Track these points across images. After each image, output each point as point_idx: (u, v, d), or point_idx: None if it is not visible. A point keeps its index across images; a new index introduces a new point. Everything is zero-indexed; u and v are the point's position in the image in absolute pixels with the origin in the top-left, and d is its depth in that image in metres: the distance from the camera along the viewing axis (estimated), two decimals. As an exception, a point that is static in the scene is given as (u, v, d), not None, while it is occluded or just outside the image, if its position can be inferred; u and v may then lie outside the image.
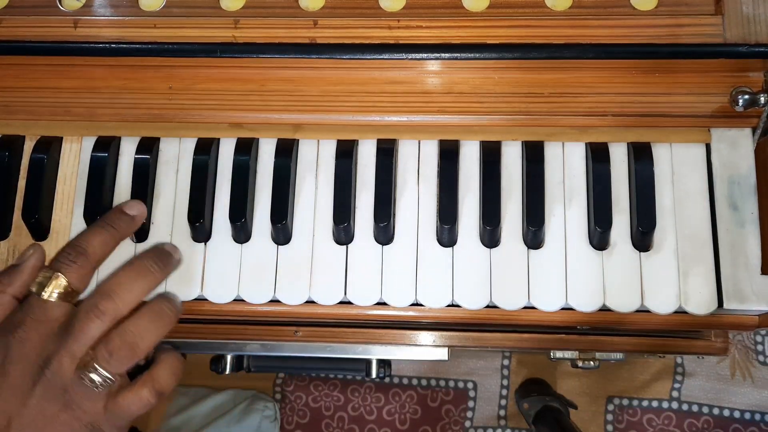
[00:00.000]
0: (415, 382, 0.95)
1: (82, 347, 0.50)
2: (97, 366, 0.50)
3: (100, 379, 0.50)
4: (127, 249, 0.57)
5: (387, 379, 0.95)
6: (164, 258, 0.55)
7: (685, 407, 0.92)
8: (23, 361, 0.49)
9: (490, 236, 0.55)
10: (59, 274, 0.51)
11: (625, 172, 0.56)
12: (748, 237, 0.53)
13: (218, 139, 0.59)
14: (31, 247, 0.54)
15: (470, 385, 0.94)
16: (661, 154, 0.56)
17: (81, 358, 0.50)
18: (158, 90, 0.58)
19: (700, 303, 0.53)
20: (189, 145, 0.58)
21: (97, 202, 0.57)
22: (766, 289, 0.52)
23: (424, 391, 0.95)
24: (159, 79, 0.58)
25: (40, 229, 0.57)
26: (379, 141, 0.58)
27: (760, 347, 0.92)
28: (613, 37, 0.55)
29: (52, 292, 0.51)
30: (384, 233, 0.55)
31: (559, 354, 0.68)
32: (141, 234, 0.57)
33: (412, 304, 0.55)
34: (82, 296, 0.53)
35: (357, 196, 0.57)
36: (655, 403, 0.92)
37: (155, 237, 0.57)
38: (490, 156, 0.57)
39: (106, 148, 0.58)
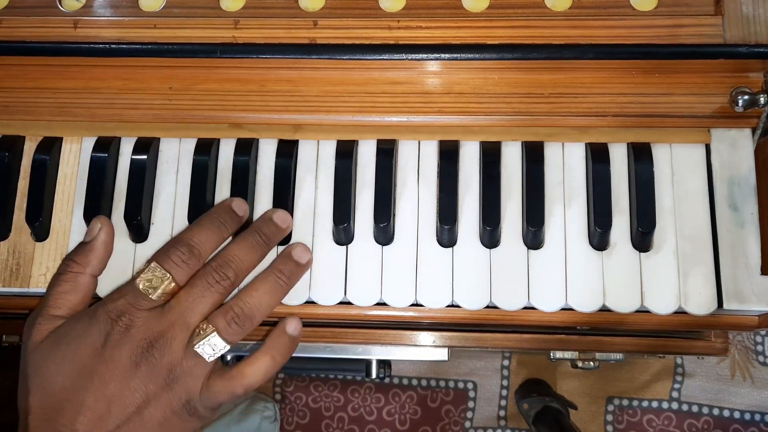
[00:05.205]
0: (415, 382, 0.95)
1: (198, 317, 0.51)
2: (215, 335, 0.50)
3: (213, 350, 0.51)
4: (126, 249, 0.57)
5: (387, 380, 0.95)
6: (272, 230, 0.54)
7: (685, 408, 0.92)
8: (127, 344, 0.50)
9: (490, 236, 0.55)
10: (170, 276, 0.51)
11: (625, 173, 0.56)
12: (748, 237, 0.53)
13: (218, 140, 0.59)
14: (98, 221, 0.55)
15: (470, 386, 0.94)
16: (661, 154, 0.56)
17: (194, 330, 0.51)
18: (158, 90, 0.58)
19: (700, 303, 0.53)
20: (189, 145, 0.58)
21: (97, 202, 0.57)
22: (765, 290, 0.52)
23: (424, 391, 0.95)
24: (159, 79, 0.58)
25: (41, 230, 0.57)
26: (379, 141, 0.58)
27: (760, 347, 0.92)
28: (613, 37, 0.55)
29: (160, 293, 0.51)
30: (384, 233, 0.55)
31: (559, 354, 0.68)
32: (140, 235, 0.57)
33: (412, 305, 0.55)
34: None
35: (357, 197, 0.57)
36: (655, 404, 0.92)
37: (155, 237, 0.57)
38: (490, 156, 0.57)
39: (106, 149, 0.58)
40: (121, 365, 0.49)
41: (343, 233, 0.56)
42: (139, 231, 0.56)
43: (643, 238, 0.54)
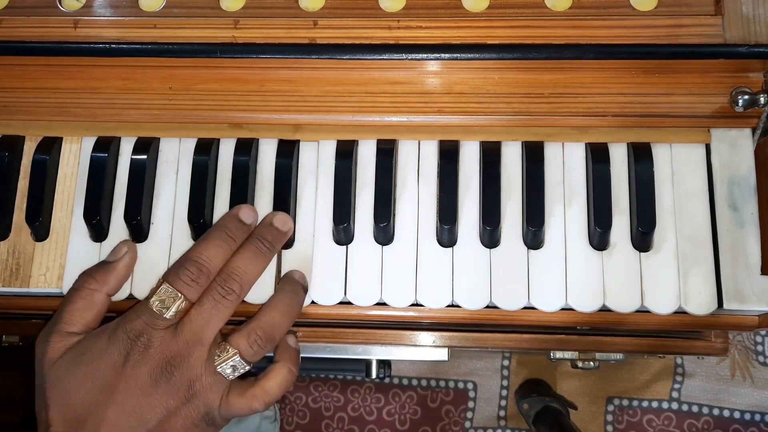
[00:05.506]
0: (415, 382, 0.95)
1: (211, 332, 0.52)
2: (237, 356, 0.52)
3: (234, 370, 0.52)
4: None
5: (387, 380, 0.95)
6: (273, 235, 0.55)
7: (685, 408, 0.92)
8: (147, 363, 0.51)
9: (490, 236, 0.55)
10: (181, 295, 0.52)
11: (625, 173, 0.56)
12: (748, 237, 0.53)
13: (218, 140, 0.59)
14: (125, 244, 0.56)
15: (470, 386, 0.94)
16: (661, 154, 0.56)
17: (211, 349, 0.52)
18: (158, 90, 0.58)
19: (700, 303, 0.53)
20: (189, 145, 0.58)
21: (97, 202, 0.57)
22: (765, 290, 0.52)
23: (424, 391, 0.95)
24: (159, 79, 0.58)
25: (41, 230, 0.57)
26: (379, 141, 0.58)
27: (760, 347, 0.92)
28: (613, 37, 0.55)
29: (173, 312, 0.52)
30: (384, 233, 0.55)
31: (559, 354, 0.68)
32: (140, 234, 0.57)
33: (412, 305, 0.55)
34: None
35: (357, 197, 0.57)
36: (655, 404, 0.92)
37: (155, 237, 0.57)
38: (490, 156, 0.57)
39: (106, 149, 0.58)
40: (141, 382, 0.50)
41: (343, 233, 0.56)
42: (138, 231, 0.56)
43: (643, 238, 0.54)
